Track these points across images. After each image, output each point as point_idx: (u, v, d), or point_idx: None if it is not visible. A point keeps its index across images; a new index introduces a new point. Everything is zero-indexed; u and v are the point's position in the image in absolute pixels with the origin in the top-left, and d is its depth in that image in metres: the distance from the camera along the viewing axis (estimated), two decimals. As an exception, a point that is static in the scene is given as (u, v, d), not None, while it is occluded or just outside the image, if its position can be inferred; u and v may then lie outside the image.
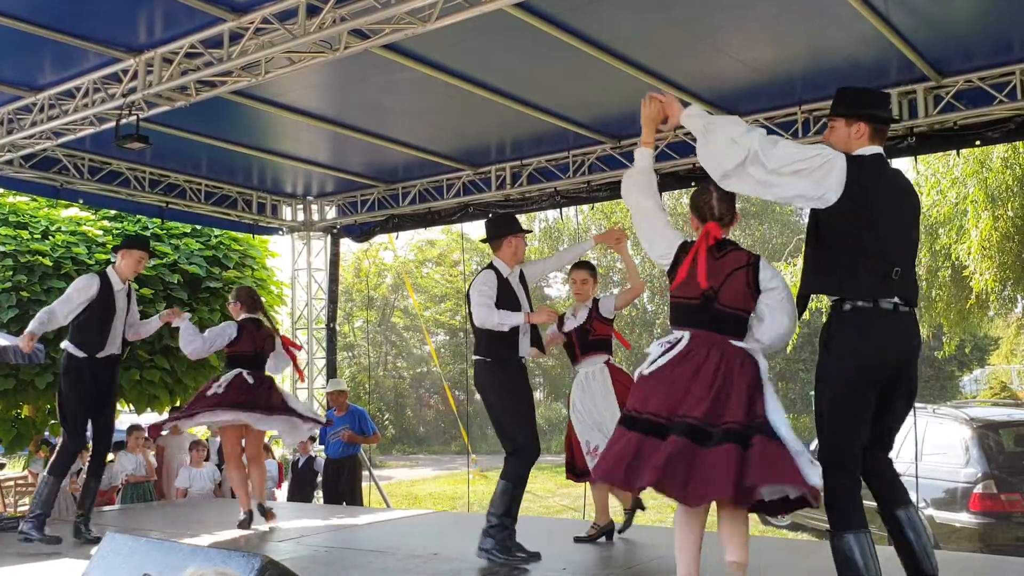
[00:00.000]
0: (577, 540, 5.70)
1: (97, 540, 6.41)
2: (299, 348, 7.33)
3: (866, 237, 3.42)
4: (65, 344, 6.16)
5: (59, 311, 6.09)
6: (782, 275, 3.81)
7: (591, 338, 5.73)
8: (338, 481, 9.36)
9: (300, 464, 9.94)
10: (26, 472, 10.95)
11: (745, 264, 3.63)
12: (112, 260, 6.46)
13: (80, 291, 6.11)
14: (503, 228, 5.33)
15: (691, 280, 3.59)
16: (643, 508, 5.92)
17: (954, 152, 8.98)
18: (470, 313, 5.17)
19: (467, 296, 5.32)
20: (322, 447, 10.14)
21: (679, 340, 3.60)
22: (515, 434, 5.06)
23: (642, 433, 3.43)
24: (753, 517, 11.69)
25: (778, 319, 3.65)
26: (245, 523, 6.63)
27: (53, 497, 6.15)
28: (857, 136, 3.54)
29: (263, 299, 7.08)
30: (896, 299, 3.45)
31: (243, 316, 6.71)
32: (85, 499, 6.31)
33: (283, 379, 17.01)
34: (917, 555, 3.50)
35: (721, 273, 3.60)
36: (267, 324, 6.82)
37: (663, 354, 3.60)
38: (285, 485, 10.48)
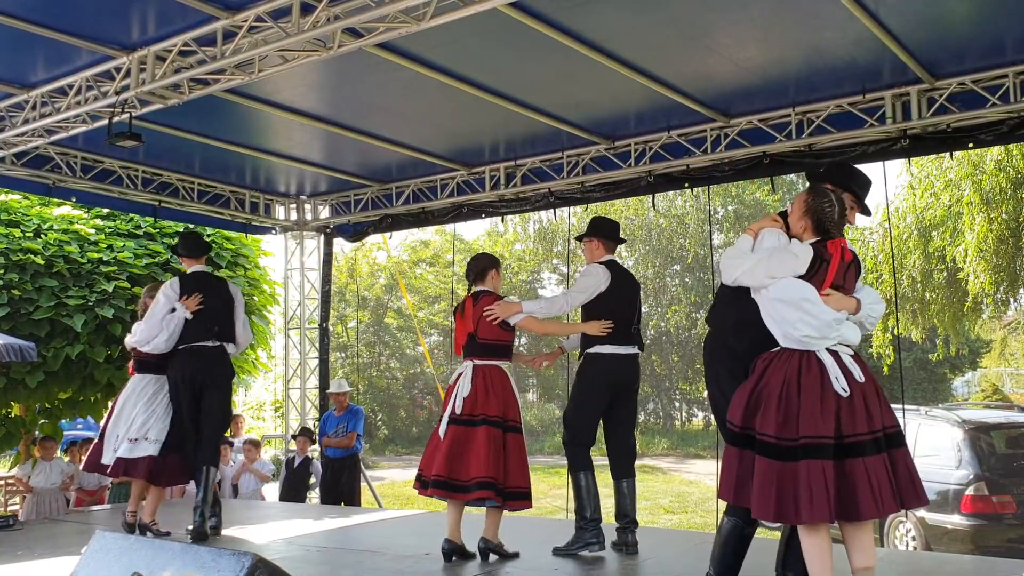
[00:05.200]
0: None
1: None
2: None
3: None
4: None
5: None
6: None
7: None
8: (338, 481, 9.34)
9: (296, 464, 9.90)
10: (16, 471, 10.88)
11: (852, 260, 3.80)
12: (103, 258, 6.39)
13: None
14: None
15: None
16: None
17: (947, 154, 8.97)
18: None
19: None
20: (316, 447, 10.12)
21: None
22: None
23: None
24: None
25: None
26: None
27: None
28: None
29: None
30: None
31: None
32: None
33: (276, 379, 16.99)
34: None
35: (843, 273, 3.75)
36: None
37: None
38: (276, 484, 10.44)
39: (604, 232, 5.76)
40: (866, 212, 4.06)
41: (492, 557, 5.23)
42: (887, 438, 3.51)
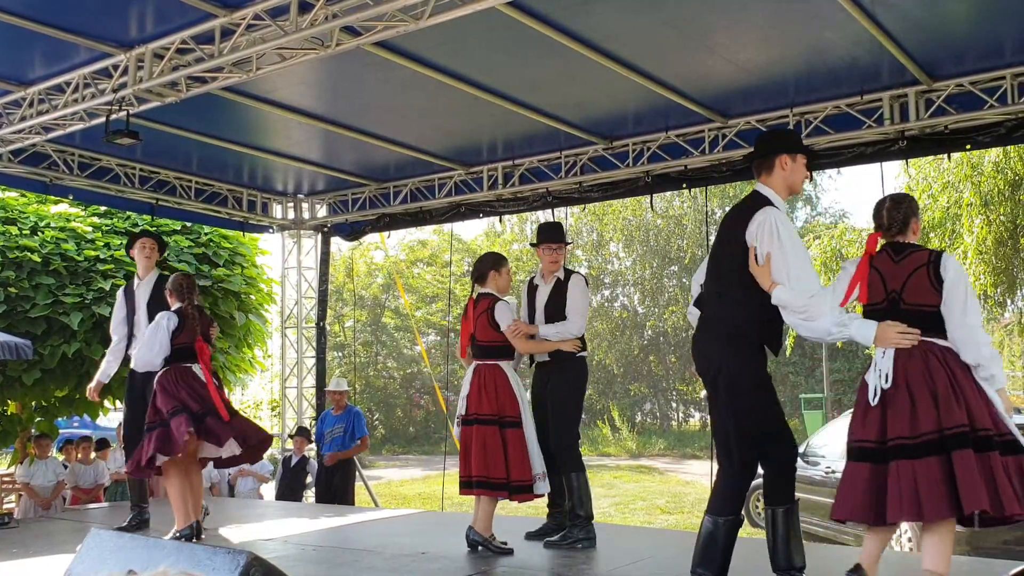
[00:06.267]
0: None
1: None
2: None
3: None
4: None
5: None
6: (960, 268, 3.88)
7: None
8: (331, 480, 9.33)
9: (293, 463, 9.89)
10: (12, 469, 10.86)
11: (927, 261, 3.72)
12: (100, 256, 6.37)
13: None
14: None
15: (871, 289, 3.77)
16: None
17: (945, 156, 9.00)
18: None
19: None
20: (312, 446, 10.11)
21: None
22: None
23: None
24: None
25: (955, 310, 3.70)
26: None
27: None
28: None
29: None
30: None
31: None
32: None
33: (273, 377, 17.00)
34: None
35: (902, 275, 3.73)
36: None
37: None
38: (273, 483, 10.43)
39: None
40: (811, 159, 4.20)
41: (485, 552, 5.26)
42: (944, 440, 3.43)
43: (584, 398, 5.86)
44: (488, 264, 5.68)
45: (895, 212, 3.84)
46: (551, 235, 5.84)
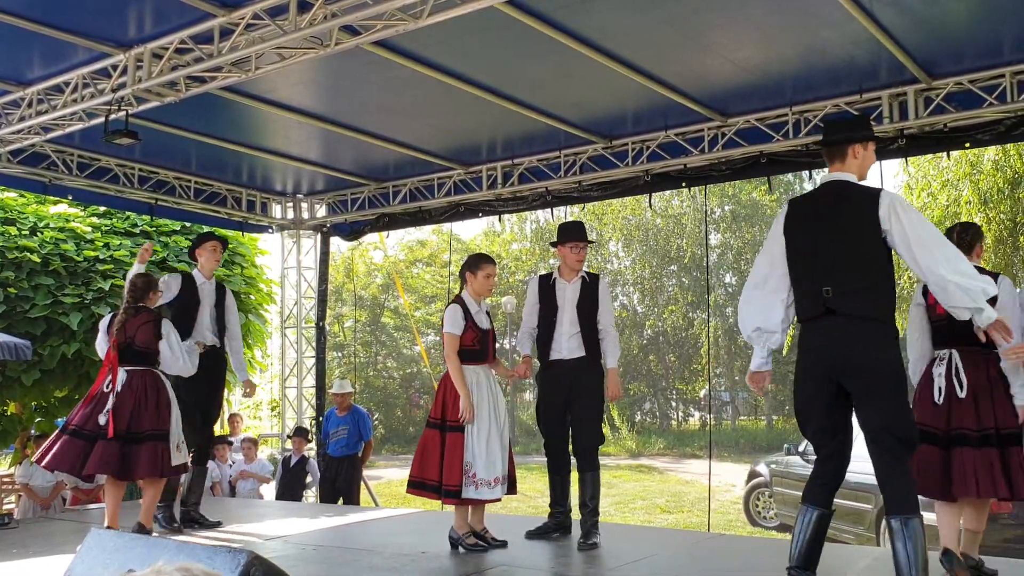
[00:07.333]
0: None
1: (216, 524, 6.58)
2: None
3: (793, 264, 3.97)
4: None
5: None
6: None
7: None
8: (336, 481, 9.34)
9: (292, 463, 9.89)
10: (12, 470, 10.86)
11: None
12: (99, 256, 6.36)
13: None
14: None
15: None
16: None
17: (944, 154, 8.99)
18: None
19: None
20: (311, 446, 10.11)
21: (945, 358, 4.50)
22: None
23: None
24: (741, 519, 11.66)
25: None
26: None
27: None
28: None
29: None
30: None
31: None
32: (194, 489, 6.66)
33: (272, 378, 17.01)
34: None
35: None
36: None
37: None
38: (273, 484, 10.42)
39: None
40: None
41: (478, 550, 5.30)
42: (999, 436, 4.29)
43: None
44: (465, 266, 5.71)
45: (964, 235, 4.61)
46: (578, 234, 5.85)
